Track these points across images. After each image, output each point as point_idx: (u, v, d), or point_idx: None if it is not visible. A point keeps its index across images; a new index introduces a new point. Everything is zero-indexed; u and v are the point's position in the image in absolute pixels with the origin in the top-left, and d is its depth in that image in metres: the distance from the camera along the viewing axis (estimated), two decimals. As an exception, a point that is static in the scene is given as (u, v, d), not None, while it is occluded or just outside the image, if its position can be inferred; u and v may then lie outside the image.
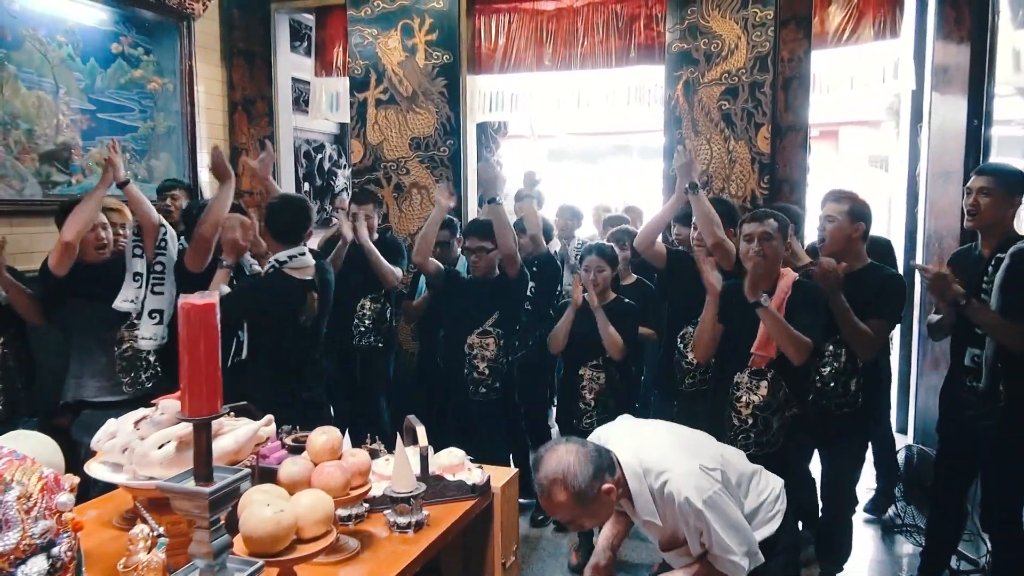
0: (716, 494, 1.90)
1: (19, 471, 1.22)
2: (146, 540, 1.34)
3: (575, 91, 5.20)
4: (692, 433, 2.18)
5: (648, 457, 1.97)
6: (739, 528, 1.93)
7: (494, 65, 5.08)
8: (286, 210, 3.09)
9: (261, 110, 5.50)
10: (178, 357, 1.21)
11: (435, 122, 4.83)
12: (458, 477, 2.10)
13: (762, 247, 2.75)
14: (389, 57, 4.86)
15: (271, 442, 1.98)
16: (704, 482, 1.91)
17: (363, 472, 1.82)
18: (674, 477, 1.91)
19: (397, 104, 4.87)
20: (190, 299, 1.20)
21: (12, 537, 1.16)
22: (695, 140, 4.34)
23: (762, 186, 4.25)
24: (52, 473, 1.28)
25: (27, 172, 4.02)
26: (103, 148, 4.42)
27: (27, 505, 1.20)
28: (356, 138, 4.98)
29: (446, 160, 4.84)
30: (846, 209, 2.94)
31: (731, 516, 1.92)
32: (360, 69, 4.91)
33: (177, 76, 4.94)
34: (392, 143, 4.90)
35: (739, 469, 2.10)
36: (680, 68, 4.38)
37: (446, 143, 4.83)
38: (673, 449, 2.01)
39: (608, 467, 1.92)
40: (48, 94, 4.12)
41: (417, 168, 4.88)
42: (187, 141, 5.02)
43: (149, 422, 1.71)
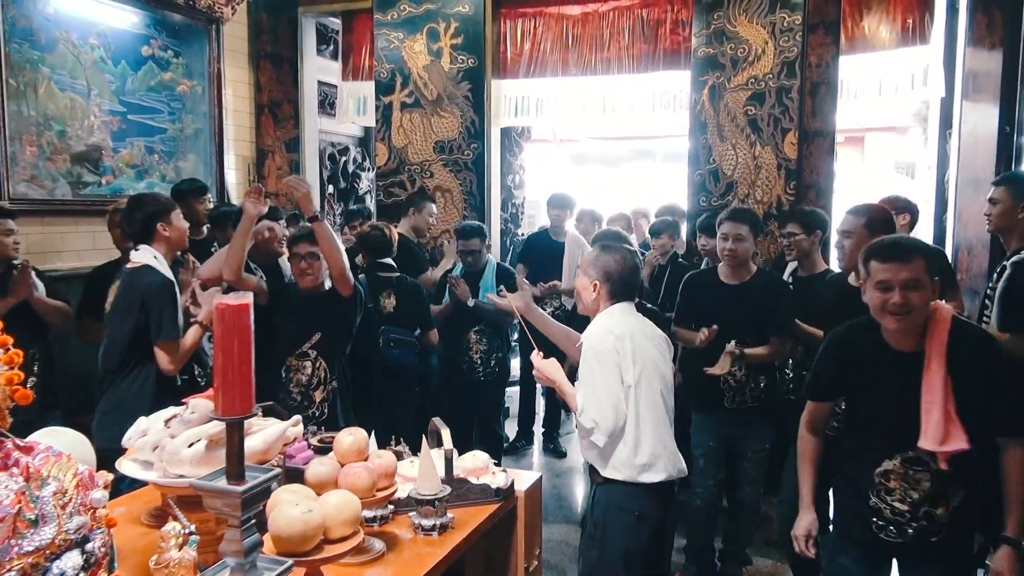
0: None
1: (55, 467, 1.23)
2: (177, 538, 1.35)
3: (599, 96, 5.20)
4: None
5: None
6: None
7: (519, 69, 5.09)
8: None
9: (287, 113, 5.55)
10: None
11: (459, 126, 4.85)
12: (482, 480, 2.10)
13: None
14: (414, 61, 4.89)
15: (297, 442, 1.99)
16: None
17: (389, 474, 1.82)
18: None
19: (422, 107, 4.89)
20: (225, 299, 1.21)
21: (48, 532, 1.18)
22: (721, 145, 4.32)
23: (788, 192, 4.22)
24: (87, 469, 1.30)
25: (58, 173, 4.08)
26: (133, 149, 4.49)
27: (63, 501, 1.22)
28: (381, 141, 5.01)
29: (470, 164, 4.86)
30: (863, 223, 2.82)
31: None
32: (386, 72, 4.94)
33: (205, 79, 5.00)
34: (416, 146, 4.93)
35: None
36: (706, 73, 4.36)
37: (470, 147, 4.85)
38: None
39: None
40: (80, 96, 4.18)
41: (441, 171, 4.90)
42: (214, 143, 5.07)
43: (179, 421, 1.72)
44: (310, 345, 3.29)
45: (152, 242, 2.93)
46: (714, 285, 3.35)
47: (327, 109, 6.21)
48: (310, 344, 3.29)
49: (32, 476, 1.20)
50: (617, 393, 2.36)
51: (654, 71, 4.89)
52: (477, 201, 4.89)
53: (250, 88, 5.51)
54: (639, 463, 2.37)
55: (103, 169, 4.34)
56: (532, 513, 2.21)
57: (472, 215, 4.84)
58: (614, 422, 2.34)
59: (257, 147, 5.53)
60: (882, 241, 2.14)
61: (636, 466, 2.37)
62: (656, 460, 2.39)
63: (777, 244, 4.14)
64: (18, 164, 3.84)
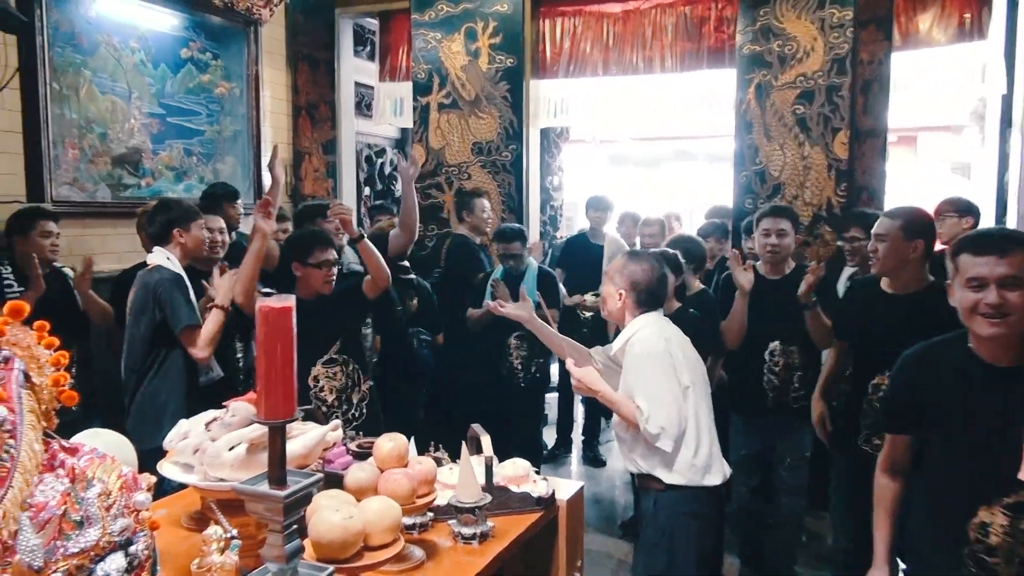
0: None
1: (100, 468, 1.26)
2: (219, 542, 1.37)
3: (640, 96, 5.17)
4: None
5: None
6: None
7: (558, 69, 5.09)
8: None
9: (324, 114, 5.61)
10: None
11: (498, 127, 4.86)
12: (523, 489, 2.09)
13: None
14: (452, 61, 4.91)
15: (336, 447, 2.00)
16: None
17: (429, 480, 1.82)
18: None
19: (460, 108, 4.91)
20: (268, 302, 1.22)
21: (93, 534, 1.20)
22: (767, 145, 4.26)
23: (839, 194, 4.14)
24: (130, 471, 1.32)
25: (99, 175, 4.18)
26: (172, 152, 4.59)
27: (107, 503, 1.24)
28: (418, 142, 5.04)
29: (508, 165, 4.86)
30: (899, 225, 2.75)
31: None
32: (423, 73, 4.97)
33: (243, 81, 5.08)
34: (454, 148, 4.95)
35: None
36: (752, 71, 4.31)
37: (508, 148, 4.85)
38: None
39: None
40: (121, 99, 4.28)
41: (479, 173, 4.91)
42: (252, 145, 5.15)
43: (220, 424, 1.75)
44: (336, 350, 3.29)
45: (167, 245, 3.03)
46: (754, 284, 3.36)
47: (364, 110, 6.27)
48: (336, 349, 3.28)
49: (77, 477, 1.22)
50: (677, 395, 2.40)
51: (697, 69, 4.85)
52: (515, 203, 4.89)
53: (287, 90, 5.58)
54: (700, 466, 2.41)
55: (143, 171, 4.43)
56: (574, 523, 2.19)
57: (510, 217, 4.84)
58: (679, 425, 2.37)
59: (294, 149, 5.61)
60: (977, 231, 1.94)
61: (698, 469, 2.41)
62: (713, 462, 2.44)
63: (828, 248, 4.07)
64: (61, 167, 3.94)
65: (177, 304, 2.90)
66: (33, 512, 1.16)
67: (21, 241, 3.32)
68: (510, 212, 4.89)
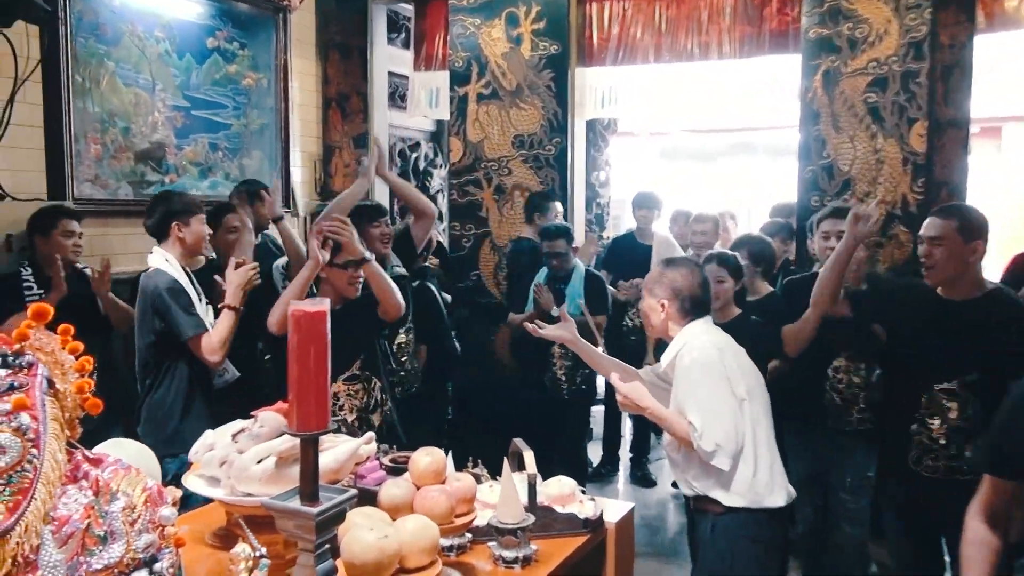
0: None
1: (124, 481, 1.28)
2: (247, 561, 1.38)
3: (695, 84, 5.13)
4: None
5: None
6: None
7: (606, 56, 5.07)
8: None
9: (356, 106, 5.67)
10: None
11: (540, 118, 4.85)
12: (568, 509, 2.08)
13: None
14: (492, 48, 4.92)
15: (369, 461, 2.02)
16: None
17: (468, 499, 1.83)
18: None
19: (500, 99, 4.92)
20: (301, 306, 1.23)
21: (117, 550, 1.22)
22: (836, 137, 4.19)
23: (915, 190, 4.05)
24: (155, 485, 1.34)
25: (121, 172, 4.27)
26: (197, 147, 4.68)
27: (131, 517, 1.26)
28: (455, 135, 5.06)
29: (551, 160, 4.85)
30: (955, 227, 2.68)
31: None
32: (461, 61, 4.99)
33: (272, 71, 5.17)
34: (494, 141, 4.95)
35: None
36: (819, 56, 4.24)
37: (552, 141, 4.84)
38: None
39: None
40: (144, 91, 4.38)
41: (520, 168, 4.91)
42: (280, 139, 5.23)
43: (248, 435, 1.77)
44: (359, 365, 3.24)
45: (166, 242, 3.09)
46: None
47: (398, 102, 6.32)
48: (359, 364, 3.23)
49: (101, 490, 1.25)
50: (733, 409, 2.38)
51: (758, 55, 4.78)
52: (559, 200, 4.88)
53: (317, 80, 5.65)
54: (761, 485, 2.39)
55: (166, 167, 4.53)
56: (623, 547, 2.18)
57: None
58: (736, 441, 2.35)
59: (324, 143, 5.67)
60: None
61: (759, 489, 2.38)
62: (775, 481, 2.42)
63: (903, 250, 3.99)
64: (82, 163, 4.04)
65: (175, 314, 2.94)
66: (56, 526, 1.19)
67: (43, 241, 3.42)
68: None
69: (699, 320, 2.54)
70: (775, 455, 2.48)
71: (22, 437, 1.16)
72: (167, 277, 3.01)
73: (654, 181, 8.57)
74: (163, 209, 3.13)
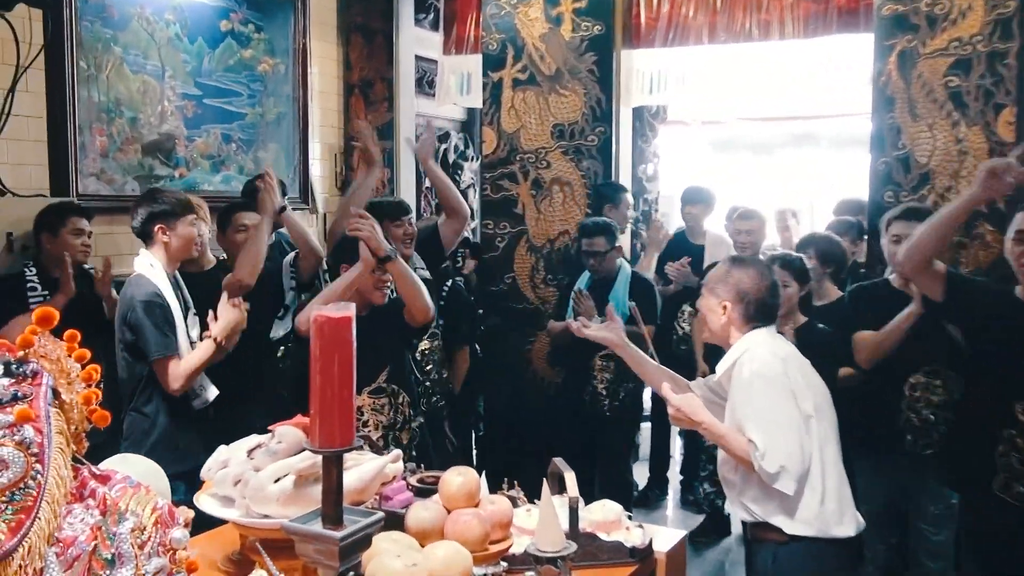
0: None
1: (133, 500, 1.30)
2: (265, 588, 1.39)
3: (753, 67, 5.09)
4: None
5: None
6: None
7: (654, 37, 5.05)
8: None
9: (380, 93, 5.71)
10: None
11: (582, 106, 4.84)
12: (614, 537, 2.08)
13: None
14: (529, 29, 4.92)
15: (396, 481, 2.02)
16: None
17: (504, 524, 1.83)
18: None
19: (538, 85, 4.92)
20: (324, 311, 1.24)
21: (125, 574, 1.24)
22: (913, 126, 4.13)
23: (1002, 184, 3.98)
24: (166, 504, 1.36)
25: (128, 166, 4.34)
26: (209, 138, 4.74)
27: (141, 539, 1.28)
28: (488, 125, 5.07)
29: (594, 151, 4.84)
30: None
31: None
32: (495, 44, 5.00)
33: (289, 56, 5.22)
34: (531, 131, 4.95)
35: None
36: (894, 36, 4.18)
37: (595, 131, 4.83)
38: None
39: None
40: (153, 78, 4.44)
41: (559, 161, 4.90)
42: (298, 129, 5.28)
43: (264, 451, 1.78)
44: (385, 377, 3.26)
45: (152, 246, 3.10)
46: (886, 297, 3.32)
47: (425, 88, 6.35)
48: (385, 376, 3.26)
49: (109, 509, 1.26)
50: (799, 426, 2.36)
51: (825, 35, 4.74)
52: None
53: (338, 66, 5.70)
54: (829, 512, 2.36)
55: (176, 161, 4.59)
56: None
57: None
58: (802, 462, 2.33)
59: (345, 134, 5.71)
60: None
61: (827, 517, 2.36)
62: (844, 508, 2.39)
63: (989, 251, 3.92)
64: (87, 156, 4.11)
65: (145, 331, 2.95)
66: (61, 548, 1.21)
67: (50, 239, 3.47)
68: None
69: (763, 328, 2.52)
70: (843, 479, 2.46)
71: (25, 451, 1.18)
72: (147, 287, 3.01)
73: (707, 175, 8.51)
74: (146, 210, 3.13)
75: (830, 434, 2.46)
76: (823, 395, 2.51)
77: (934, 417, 3.26)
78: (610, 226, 4.31)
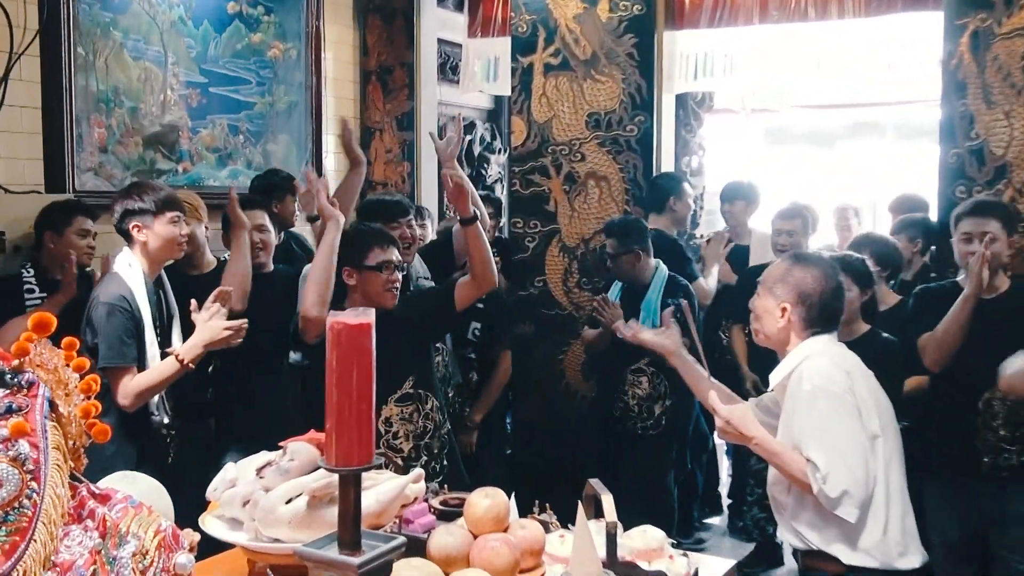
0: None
1: (135, 522, 1.31)
2: (275, 618, 1.41)
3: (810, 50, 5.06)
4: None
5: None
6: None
7: (700, 17, 5.04)
8: None
9: (400, 81, 5.74)
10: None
11: (620, 93, 4.84)
12: (656, 566, 2.07)
13: None
14: (563, 9, 4.92)
15: (417, 503, 2.03)
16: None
17: (535, 551, 1.83)
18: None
19: (572, 70, 4.92)
20: (342, 317, 1.25)
21: (126, 602, 1.25)
22: (987, 113, 4.08)
23: (1088, 178, 3.93)
24: (170, 526, 1.38)
25: (129, 159, 4.39)
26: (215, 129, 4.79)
27: (142, 564, 1.30)
28: (517, 114, 5.08)
29: (633, 143, 4.83)
30: None
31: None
32: (525, 26, 5.01)
33: (302, 40, 5.26)
34: (564, 121, 4.96)
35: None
36: (966, 14, 4.14)
37: (634, 120, 4.82)
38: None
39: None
40: (155, 65, 4.50)
41: (595, 153, 4.90)
42: (311, 119, 5.32)
43: (275, 470, 1.80)
44: (412, 384, 3.26)
45: (132, 245, 3.09)
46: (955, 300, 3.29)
47: (449, 75, 6.37)
48: (412, 383, 3.25)
49: (109, 531, 1.28)
50: (864, 447, 2.35)
51: (889, 13, 4.70)
52: (642, 192, 4.85)
53: (355, 51, 5.74)
54: (892, 542, 2.35)
55: (180, 154, 4.65)
56: (723, 614, 2.15)
57: (636, 210, 4.81)
58: (866, 487, 2.32)
59: (362, 125, 5.75)
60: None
61: (891, 547, 2.35)
62: (909, 538, 2.38)
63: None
64: (84, 149, 4.17)
65: (103, 335, 2.93)
66: (57, 573, 1.23)
67: (53, 239, 3.51)
68: (636, 203, 4.85)
69: (824, 335, 2.50)
70: (908, 506, 2.45)
71: (20, 468, 1.20)
72: (115, 289, 3.01)
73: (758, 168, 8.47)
74: (121, 206, 3.11)
75: (895, 456, 2.45)
76: (888, 413, 2.50)
77: (1013, 436, 3.22)
78: (629, 225, 4.31)
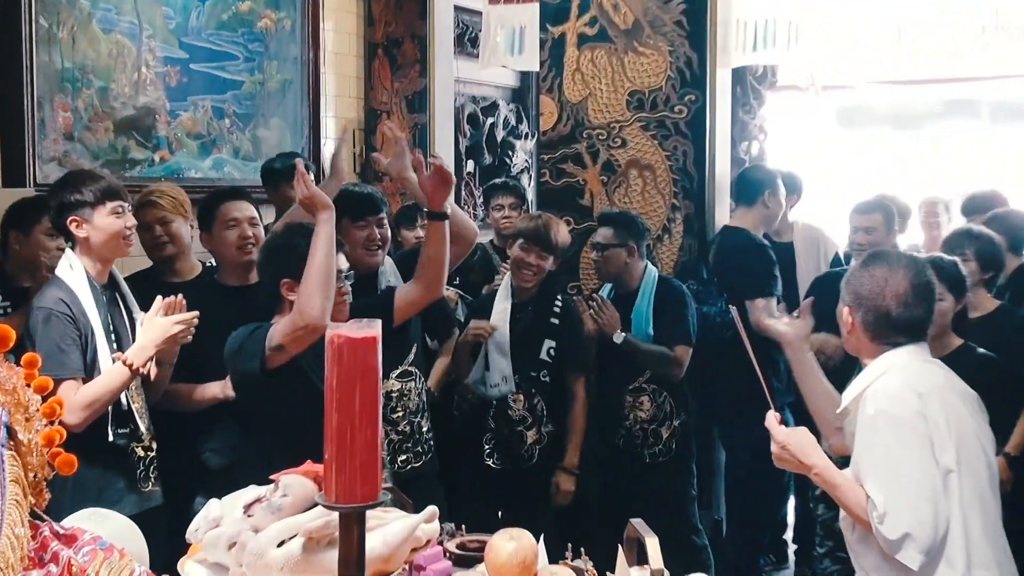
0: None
1: (105, 566, 1.32)
2: None
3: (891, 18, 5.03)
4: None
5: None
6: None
7: (761, -21, 5.03)
8: None
9: (410, 55, 5.74)
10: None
11: (667, 68, 4.83)
12: (710, 621, 2.06)
13: None
14: (600, -29, 4.93)
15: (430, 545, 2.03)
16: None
17: (568, 603, 1.82)
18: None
19: (610, 42, 4.92)
20: (342, 330, 1.25)
21: (95, 660, 1.26)
22: (1100, 90, 4.06)
23: None
24: (144, 571, 1.38)
25: (98, 147, 4.42)
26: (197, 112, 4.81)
27: (114, 616, 1.30)
28: (547, 93, 5.08)
29: (682, 126, 4.83)
30: None
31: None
32: (556, -10, 5.02)
33: (297, 9, 5.28)
34: (601, 100, 4.96)
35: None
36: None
37: (683, 100, 4.82)
38: None
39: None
40: (128, 39, 4.52)
41: (638, 137, 4.90)
42: (308, 101, 5.34)
43: (266, 507, 1.81)
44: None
45: (75, 243, 3.08)
46: None
47: (467, 48, 6.38)
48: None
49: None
50: (935, 483, 2.32)
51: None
52: (693, 183, 4.84)
53: (359, 21, 5.75)
54: None
55: (157, 141, 4.67)
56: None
57: (685, 203, 4.80)
58: (934, 529, 2.29)
59: (367, 106, 5.76)
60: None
61: None
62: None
63: None
64: (47, 136, 4.20)
65: (40, 344, 2.92)
66: (16, 624, 1.24)
67: (19, 239, 3.54)
68: (686, 196, 4.84)
69: (904, 348, 2.49)
70: (1002, 554, 2.43)
71: (-27, 504, 1.21)
72: (53, 293, 3.00)
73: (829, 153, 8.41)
74: (56, 202, 3.09)
75: (977, 496, 2.40)
76: (974, 443, 2.45)
77: None
78: (629, 218, 4.33)
